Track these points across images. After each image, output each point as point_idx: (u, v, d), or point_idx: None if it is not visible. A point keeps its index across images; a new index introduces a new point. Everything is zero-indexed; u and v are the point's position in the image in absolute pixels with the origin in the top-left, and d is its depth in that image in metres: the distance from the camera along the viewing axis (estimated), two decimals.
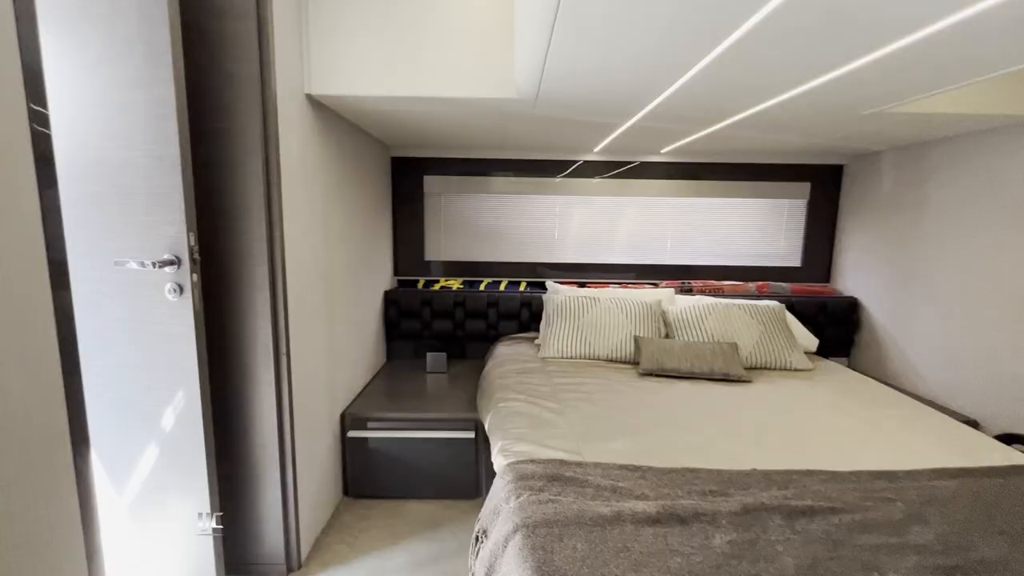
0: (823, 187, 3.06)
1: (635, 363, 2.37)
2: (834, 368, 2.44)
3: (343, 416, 2.20)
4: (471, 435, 2.18)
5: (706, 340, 2.41)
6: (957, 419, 1.98)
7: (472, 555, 1.31)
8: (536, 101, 1.79)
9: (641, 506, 1.18)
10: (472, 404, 2.29)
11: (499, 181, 3.05)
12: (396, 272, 3.11)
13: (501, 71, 1.72)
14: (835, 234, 3.11)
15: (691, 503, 1.20)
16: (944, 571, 1.00)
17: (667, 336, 2.53)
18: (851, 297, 2.93)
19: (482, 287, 3.01)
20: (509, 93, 1.73)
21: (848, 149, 2.80)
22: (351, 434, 2.18)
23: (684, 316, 2.55)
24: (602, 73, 1.50)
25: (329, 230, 2.03)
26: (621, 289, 2.94)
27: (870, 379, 2.32)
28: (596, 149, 2.84)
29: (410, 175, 3.01)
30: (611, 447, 1.54)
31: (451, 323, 2.93)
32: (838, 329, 2.90)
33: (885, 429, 1.72)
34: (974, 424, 2.10)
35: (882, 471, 1.40)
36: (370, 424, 2.20)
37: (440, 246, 3.12)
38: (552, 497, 1.22)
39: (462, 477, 2.20)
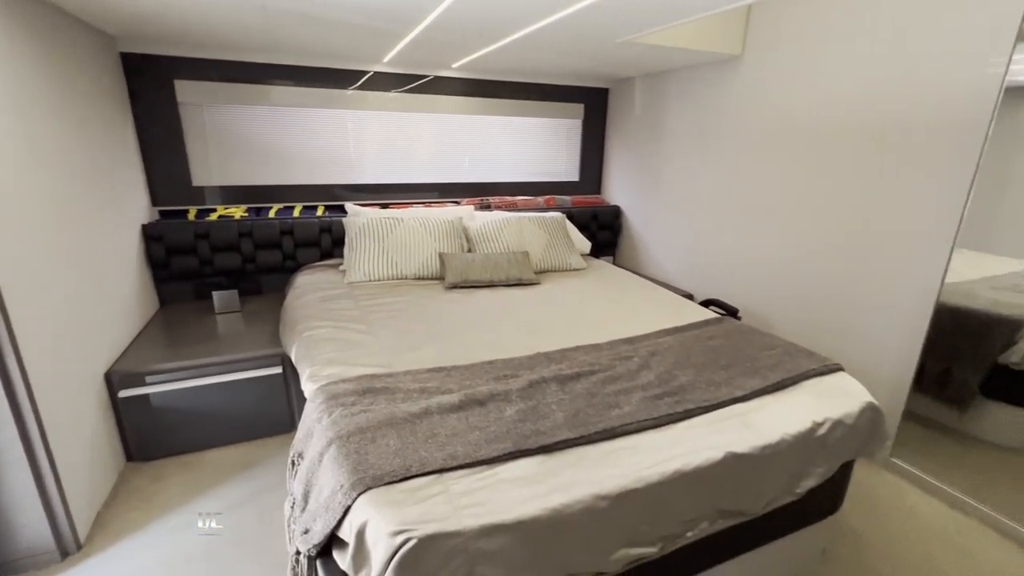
0: (594, 109, 3.48)
1: (441, 278, 2.51)
2: (602, 265, 2.97)
3: (108, 375, 1.87)
4: (278, 370, 2.08)
5: (503, 251, 2.66)
6: (679, 293, 2.64)
7: (290, 479, 1.33)
8: None
9: (446, 399, 1.34)
10: (276, 339, 2.17)
11: (279, 91, 2.68)
12: (155, 202, 2.58)
13: None
14: (604, 151, 3.62)
15: (488, 388, 1.41)
16: (657, 397, 1.40)
17: (469, 250, 2.71)
18: (615, 206, 3.51)
19: (272, 214, 2.72)
20: None
21: (612, 74, 3.19)
22: (124, 393, 1.88)
23: (483, 231, 2.74)
24: None
25: (34, 149, 1.56)
26: (424, 208, 2.98)
27: (627, 271, 2.90)
28: (385, 59, 2.68)
29: (154, 79, 2.43)
30: (420, 355, 1.66)
31: (239, 257, 2.61)
32: (606, 233, 3.48)
33: (632, 307, 2.20)
34: (690, 295, 2.83)
35: (627, 338, 1.82)
36: (149, 379, 1.92)
37: (211, 169, 2.66)
38: (364, 408, 1.28)
39: (274, 413, 2.12)
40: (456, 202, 3.21)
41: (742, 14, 2.40)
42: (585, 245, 3.10)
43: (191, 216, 2.60)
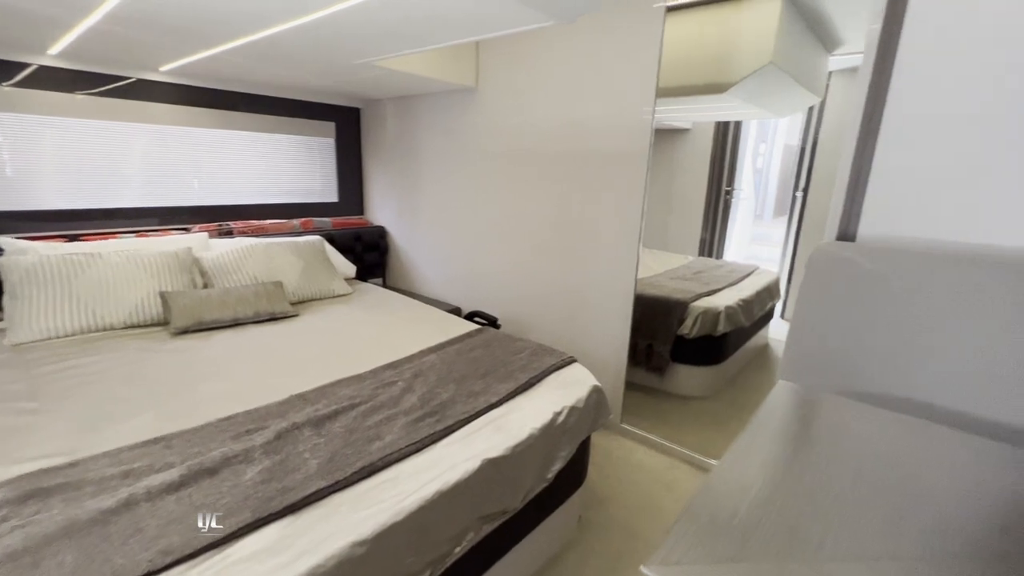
0: (346, 127, 3.37)
1: (166, 323, 2.06)
2: (370, 289, 2.88)
3: None
4: None
5: (250, 283, 2.34)
6: (447, 308, 2.75)
7: None
8: None
9: (161, 478, 1.08)
10: None
11: None
12: None
13: None
14: (362, 171, 3.54)
15: (223, 451, 1.20)
16: (419, 419, 1.40)
17: (205, 286, 2.31)
18: (380, 226, 3.47)
19: None
20: None
21: (361, 94, 3.15)
22: None
23: (222, 262, 2.37)
24: None
25: None
26: (138, 239, 2.42)
27: (396, 292, 2.88)
28: (53, 51, 2.09)
29: None
30: (127, 428, 1.31)
31: None
32: (373, 254, 3.41)
33: (399, 329, 2.19)
34: (457, 310, 2.98)
35: (391, 362, 1.79)
36: None
37: None
38: (22, 522, 0.94)
39: None
40: (184, 229, 2.70)
41: (472, 52, 2.64)
42: (349, 269, 2.97)
43: None
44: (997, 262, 1.14)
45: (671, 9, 2.00)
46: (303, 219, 3.17)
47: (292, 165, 3.19)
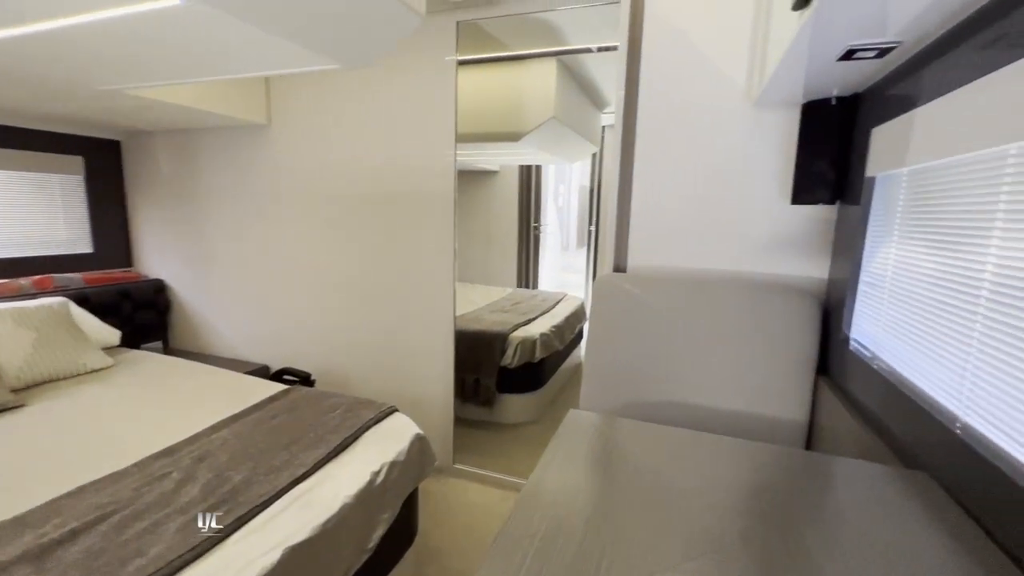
0: (101, 163, 2.79)
1: None
2: (141, 357, 2.36)
3: None
4: None
5: None
6: (250, 369, 2.40)
7: None
8: None
9: None
10: None
11: None
12: None
13: None
14: (127, 215, 2.95)
15: None
16: (201, 515, 1.16)
17: None
18: (157, 279, 2.91)
19: None
20: None
21: (120, 125, 2.64)
22: None
23: None
24: None
25: None
26: None
27: (177, 358, 2.40)
28: None
29: None
30: None
31: None
32: (148, 313, 2.82)
33: (180, 403, 1.82)
34: (266, 369, 2.63)
35: (165, 448, 1.46)
36: None
37: None
38: None
39: None
40: None
41: (261, 86, 2.43)
42: (111, 335, 2.39)
43: None
44: (717, 280, 1.44)
45: (462, 63, 2.13)
46: (38, 277, 2.47)
47: (23, 209, 2.49)
